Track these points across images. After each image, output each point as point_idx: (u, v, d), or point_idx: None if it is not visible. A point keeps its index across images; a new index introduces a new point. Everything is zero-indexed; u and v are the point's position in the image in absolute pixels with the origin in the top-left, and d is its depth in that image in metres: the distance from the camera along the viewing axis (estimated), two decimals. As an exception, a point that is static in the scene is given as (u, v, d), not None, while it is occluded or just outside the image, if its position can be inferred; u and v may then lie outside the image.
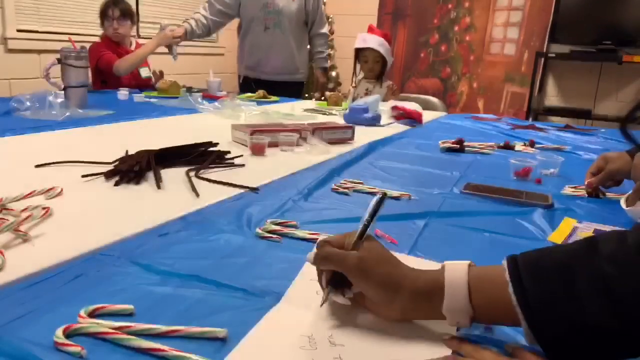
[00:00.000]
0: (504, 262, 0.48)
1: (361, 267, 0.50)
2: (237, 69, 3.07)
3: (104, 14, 2.66)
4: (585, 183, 1.09)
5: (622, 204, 0.94)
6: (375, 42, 2.60)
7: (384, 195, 0.57)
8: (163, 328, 0.47)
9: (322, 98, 2.60)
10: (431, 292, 0.49)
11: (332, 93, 2.48)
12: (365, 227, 0.53)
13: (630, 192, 0.97)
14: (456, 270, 0.49)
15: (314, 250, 0.53)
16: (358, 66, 2.72)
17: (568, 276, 0.44)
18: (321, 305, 0.52)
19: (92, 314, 0.50)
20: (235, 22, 4.68)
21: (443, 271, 0.49)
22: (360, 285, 0.50)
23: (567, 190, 1.09)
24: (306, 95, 4.04)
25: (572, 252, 0.47)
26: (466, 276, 0.48)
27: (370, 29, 2.66)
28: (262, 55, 2.86)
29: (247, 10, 2.80)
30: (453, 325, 0.49)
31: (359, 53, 2.66)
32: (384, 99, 2.68)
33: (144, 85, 2.74)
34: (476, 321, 0.48)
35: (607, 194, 1.06)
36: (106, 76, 2.68)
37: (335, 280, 0.52)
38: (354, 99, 2.77)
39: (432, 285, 0.49)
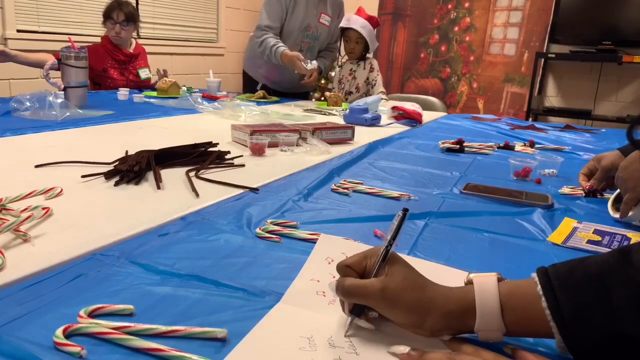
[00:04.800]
0: (534, 275, 0.48)
1: (385, 297, 0.48)
2: (244, 66, 2.92)
3: (107, 16, 2.65)
4: (582, 185, 1.08)
5: (611, 212, 0.94)
6: (357, 23, 2.64)
7: (406, 211, 0.54)
8: (163, 328, 0.48)
9: (322, 98, 2.60)
10: (463, 313, 0.47)
11: (332, 93, 2.48)
12: (387, 249, 0.51)
13: (614, 194, 0.96)
14: (486, 287, 0.48)
15: (335, 279, 0.51)
16: (344, 47, 2.80)
17: (602, 287, 0.44)
18: (345, 335, 0.49)
19: (92, 314, 0.50)
20: (237, 23, 4.69)
21: (472, 288, 0.48)
22: (387, 314, 0.49)
23: (565, 189, 1.09)
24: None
25: (604, 263, 0.46)
26: (497, 294, 0.47)
27: (359, 11, 2.70)
28: (285, 72, 2.73)
29: (288, 28, 2.65)
30: (485, 341, 0.48)
31: (343, 33, 2.73)
32: (368, 78, 2.75)
33: (143, 86, 2.75)
34: (508, 335, 0.48)
35: (605, 194, 1.06)
36: (101, 79, 2.68)
37: (358, 306, 0.50)
38: (339, 81, 2.82)
39: (463, 306, 0.48)
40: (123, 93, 2.32)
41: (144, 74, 2.77)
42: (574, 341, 0.44)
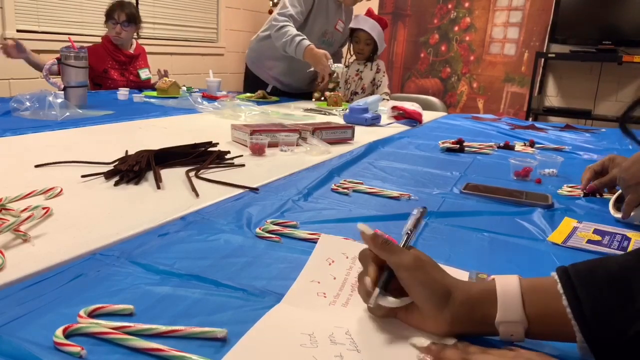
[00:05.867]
0: (554, 274, 0.48)
1: (417, 265, 0.48)
2: (250, 67, 2.81)
3: (109, 16, 2.65)
4: (584, 183, 1.08)
5: (612, 212, 0.94)
6: (367, 24, 2.63)
7: (425, 209, 0.56)
8: (163, 328, 0.47)
9: (322, 98, 2.60)
10: (484, 301, 0.47)
11: (332, 93, 2.48)
12: (409, 235, 0.52)
13: (616, 195, 0.96)
14: (507, 281, 0.48)
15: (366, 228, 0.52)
16: (352, 48, 2.79)
17: (624, 287, 0.44)
18: (369, 304, 0.50)
19: (92, 314, 0.50)
20: (237, 23, 4.69)
21: (494, 283, 0.49)
22: (413, 286, 0.49)
23: (564, 189, 1.09)
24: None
25: (625, 263, 0.46)
26: (519, 287, 0.47)
27: (368, 12, 2.70)
28: (298, 74, 2.70)
29: (307, 32, 2.49)
30: (506, 339, 0.47)
31: (352, 33, 2.73)
32: (374, 79, 2.76)
33: (143, 87, 2.74)
34: (529, 335, 0.47)
35: (604, 194, 1.06)
36: (102, 80, 2.68)
37: (385, 279, 0.50)
38: (346, 81, 2.80)
39: (485, 295, 0.48)
40: (123, 93, 2.32)
41: (144, 74, 2.77)
42: (596, 341, 0.43)
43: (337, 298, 0.56)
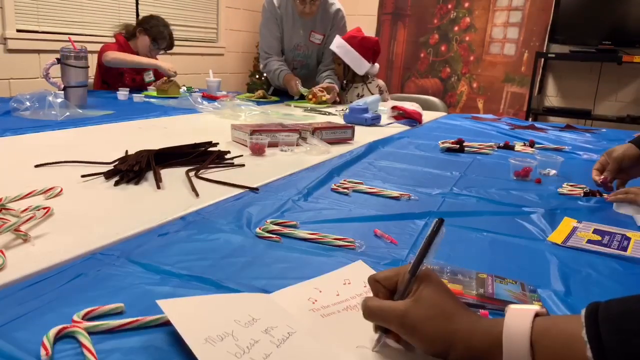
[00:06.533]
0: (583, 313, 0.41)
1: (406, 324, 0.44)
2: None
3: (154, 39, 2.64)
4: (596, 180, 1.09)
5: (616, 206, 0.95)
6: (335, 43, 2.56)
7: (441, 221, 0.49)
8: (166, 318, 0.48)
9: (310, 97, 2.54)
10: (488, 349, 0.43)
11: (309, 91, 2.48)
12: (417, 263, 0.47)
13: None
14: (517, 320, 0.42)
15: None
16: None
17: None
18: (373, 349, 0.47)
19: (85, 318, 0.49)
20: (237, 23, 4.69)
21: (502, 322, 0.43)
22: (408, 340, 0.46)
23: (565, 188, 1.10)
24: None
25: None
26: (529, 331, 0.41)
27: (352, 30, 2.62)
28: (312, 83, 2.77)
29: (284, 48, 2.74)
30: None
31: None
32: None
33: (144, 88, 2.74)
34: None
35: (603, 194, 1.06)
36: (109, 77, 2.67)
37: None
38: (350, 102, 2.75)
39: (488, 343, 0.43)
40: (123, 93, 2.32)
41: (147, 77, 2.76)
42: None
43: (323, 308, 0.54)
